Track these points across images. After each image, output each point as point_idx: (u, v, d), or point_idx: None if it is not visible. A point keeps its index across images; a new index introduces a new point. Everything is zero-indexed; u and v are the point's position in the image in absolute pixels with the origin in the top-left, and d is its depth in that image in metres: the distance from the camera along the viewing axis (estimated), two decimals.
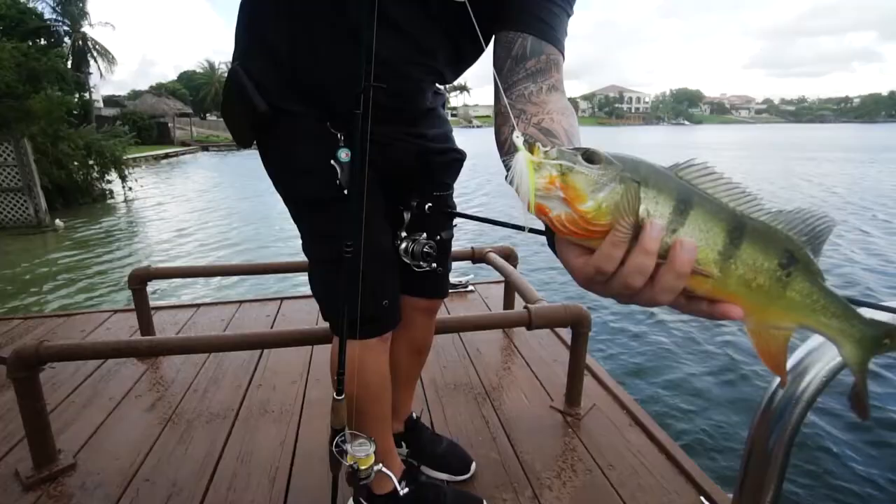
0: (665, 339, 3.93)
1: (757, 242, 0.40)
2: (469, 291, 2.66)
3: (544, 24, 0.76)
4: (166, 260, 7.06)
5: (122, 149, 12.77)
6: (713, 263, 0.40)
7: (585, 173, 0.39)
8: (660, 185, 0.40)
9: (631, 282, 0.40)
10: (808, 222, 0.41)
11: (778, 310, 0.42)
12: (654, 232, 0.38)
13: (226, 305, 2.62)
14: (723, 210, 0.40)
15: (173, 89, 45.71)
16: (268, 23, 0.89)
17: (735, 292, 0.41)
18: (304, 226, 1.00)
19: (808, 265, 0.42)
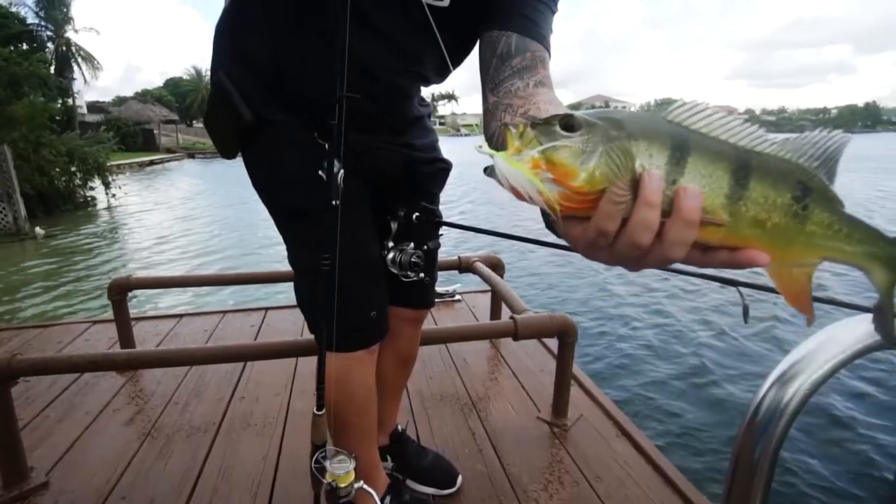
0: (651, 347, 3.95)
1: (765, 178, 0.37)
2: (456, 301, 2.65)
3: (528, 21, 0.76)
4: (148, 266, 6.95)
5: (105, 155, 12.61)
6: (721, 209, 0.37)
7: (569, 146, 0.36)
8: (650, 135, 0.37)
9: (638, 239, 0.37)
10: (818, 145, 0.38)
11: (799, 246, 0.39)
12: (653, 183, 0.35)
13: (209, 316, 2.57)
14: (723, 149, 0.37)
15: (159, 96, 45.32)
16: (251, 33, 0.88)
17: (750, 236, 0.38)
18: (289, 236, 0.99)
19: (825, 193, 0.38)
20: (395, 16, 0.84)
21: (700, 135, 0.38)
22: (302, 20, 0.85)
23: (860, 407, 2.98)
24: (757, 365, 3.57)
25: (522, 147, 0.37)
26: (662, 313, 4.59)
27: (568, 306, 5.02)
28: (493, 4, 0.79)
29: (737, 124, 0.38)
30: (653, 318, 4.38)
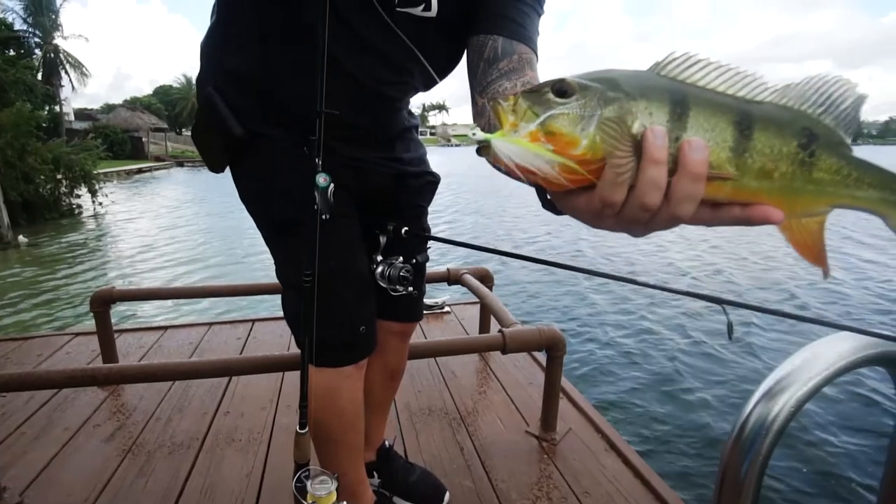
0: (641, 359, 3.96)
1: (769, 127, 0.36)
2: (445, 312, 2.64)
3: (514, 23, 0.76)
4: (133, 274, 6.86)
5: (92, 163, 12.46)
6: (727, 162, 0.36)
7: (567, 112, 0.35)
8: (647, 92, 0.36)
9: (647, 201, 0.35)
10: (821, 90, 0.37)
11: (808, 196, 0.37)
12: (658, 140, 0.34)
13: (194, 328, 2.53)
14: (723, 101, 0.36)
15: (148, 104, 45.06)
16: (237, 49, 0.88)
17: (759, 188, 0.37)
18: (277, 250, 0.98)
19: (831, 137, 0.37)
20: (383, 29, 0.84)
21: (698, 88, 0.36)
22: (287, 36, 0.84)
23: (843, 423, 3.00)
24: (742, 380, 3.60)
25: (518, 121, 0.36)
26: (649, 330, 4.62)
27: (556, 314, 5.02)
28: (478, 9, 0.80)
29: (733, 74, 0.36)
30: (645, 334, 4.39)
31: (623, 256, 7.52)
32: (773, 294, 5.59)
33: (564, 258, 7.56)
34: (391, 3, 0.81)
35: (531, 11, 0.79)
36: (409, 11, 0.82)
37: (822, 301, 5.29)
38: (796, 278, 6.12)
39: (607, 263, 7.12)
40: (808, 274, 6.36)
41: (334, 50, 0.82)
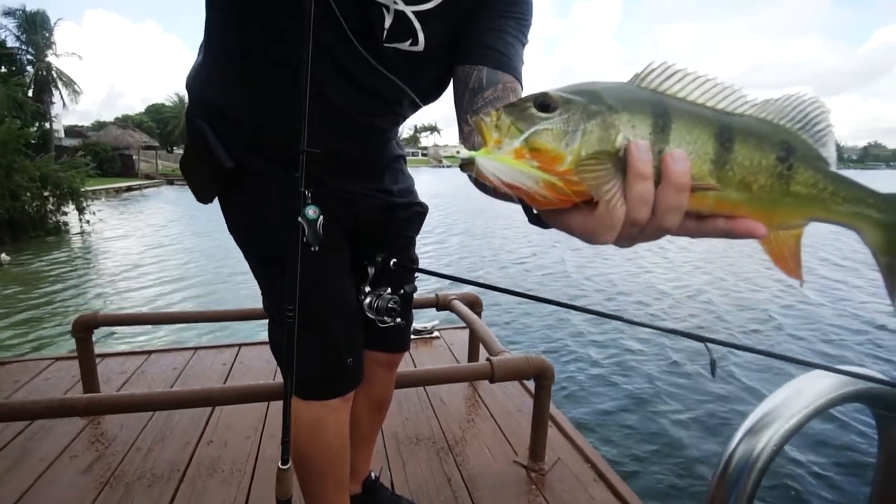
0: (630, 387, 3.94)
1: (748, 140, 0.36)
2: (434, 337, 2.63)
3: (498, 53, 0.78)
4: (119, 294, 6.75)
5: (80, 181, 12.37)
6: (709, 174, 0.36)
7: (551, 128, 0.34)
8: (629, 105, 0.35)
9: (636, 216, 0.35)
10: (799, 108, 0.37)
11: (786, 208, 0.38)
12: (642, 154, 0.34)
13: (179, 352, 2.49)
14: (704, 113, 0.36)
15: (140, 122, 45.06)
16: (226, 84, 0.89)
17: (739, 200, 0.37)
18: (264, 282, 0.97)
19: (808, 151, 0.38)
20: (372, 64, 0.85)
21: (679, 100, 0.37)
22: (273, 74, 0.85)
23: (826, 457, 3.01)
24: (727, 401, 3.60)
25: (502, 137, 0.35)
26: (635, 351, 4.63)
27: (542, 334, 5.02)
28: (463, 40, 0.82)
29: (713, 85, 0.37)
30: (633, 363, 4.39)
31: (607, 277, 7.58)
32: (756, 316, 5.62)
33: (550, 279, 7.56)
34: (378, 40, 0.82)
35: (515, 42, 0.82)
36: (397, 47, 0.84)
37: (805, 331, 5.28)
38: (779, 302, 6.18)
39: (591, 285, 7.16)
40: (791, 298, 6.45)
41: (322, 84, 0.84)
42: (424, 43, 0.84)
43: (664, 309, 5.97)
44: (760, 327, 5.31)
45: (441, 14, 0.82)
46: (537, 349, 4.90)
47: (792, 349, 4.64)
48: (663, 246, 9.15)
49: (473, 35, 0.81)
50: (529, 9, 0.87)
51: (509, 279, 7.50)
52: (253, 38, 0.84)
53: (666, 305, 6.14)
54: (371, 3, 0.79)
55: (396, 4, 0.80)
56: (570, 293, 6.80)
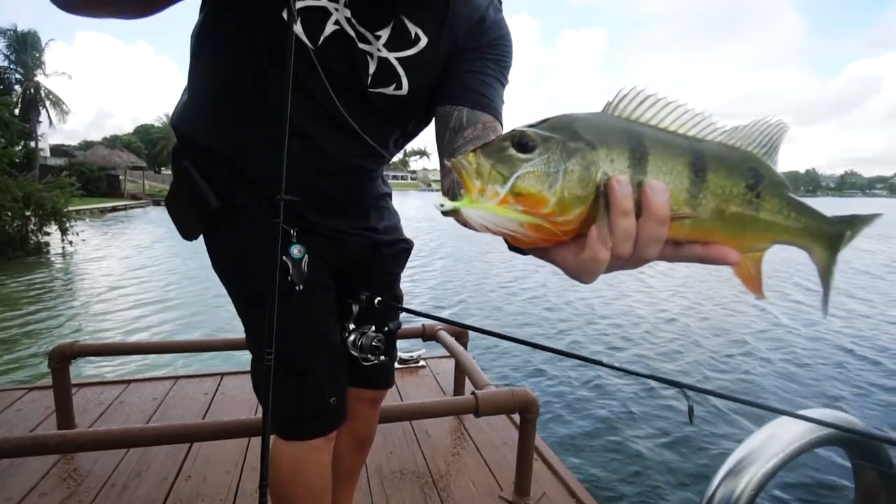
0: (615, 419, 3.91)
1: (720, 168, 0.37)
2: (420, 367, 2.61)
3: (478, 94, 0.81)
4: (98, 316, 6.60)
5: (64, 201, 12.21)
6: (685, 203, 0.37)
7: (533, 171, 0.34)
8: (607, 139, 0.36)
9: (621, 251, 0.36)
10: (764, 133, 0.39)
11: (754, 233, 0.39)
12: (624, 190, 0.34)
13: (159, 382, 2.44)
14: (677, 142, 0.37)
15: (128, 142, 44.87)
16: (211, 126, 0.90)
17: (712, 227, 0.38)
18: (248, 321, 0.97)
19: (773, 178, 0.39)
20: (358, 108, 0.87)
21: (653, 129, 0.37)
22: (257, 116, 0.86)
23: (803, 499, 3.01)
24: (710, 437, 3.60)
25: (485, 185, 0.35)
26: (617, 380, 4.63)
27: (526, 363, 5.00)
28: (444, 80, 0.84)
29: (683, 112, 0.38)
30: (618, 393, 4.38)
31: (587, 302, 7.65)
32: (734, 350, 5.58)
33: (532, 304, 7.58)
34: (363, 85, 0.85)
35: (495, 83, 0.85)
36: (382, 91, 0.87)
37: (785, 363, 5.24)
38: (759, 335, 6.14)
39: (571, 311, 7.21)
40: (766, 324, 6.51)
41: (307, 127, 0.85)
42: (408, 87, 0.87)
43: (645, 335, 5.98)
44: (739, 359, 5.28)
45: (423, 59, 0.85)
46: (524, 370, 4.90)
47: (770, 385, 4.62)
48: (643, 271, 9.23)
49: (454, 76, 0.84)
50: (509, 50, 0.91)
51: (492, 305, 7.50)
52: (237, 81, 0.85)
53: (644, 331, 6.16)
54: (355, 50, 0.81)
55: (380, 52, 0.83)
56: (552, 318, 6.85)
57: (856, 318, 7.23)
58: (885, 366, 5.27)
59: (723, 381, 4.56)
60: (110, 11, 0.67)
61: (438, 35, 0.85)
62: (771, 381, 4.73)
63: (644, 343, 5.72)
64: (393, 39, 0.83)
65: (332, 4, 0.79)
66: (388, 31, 0.83)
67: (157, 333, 6.00)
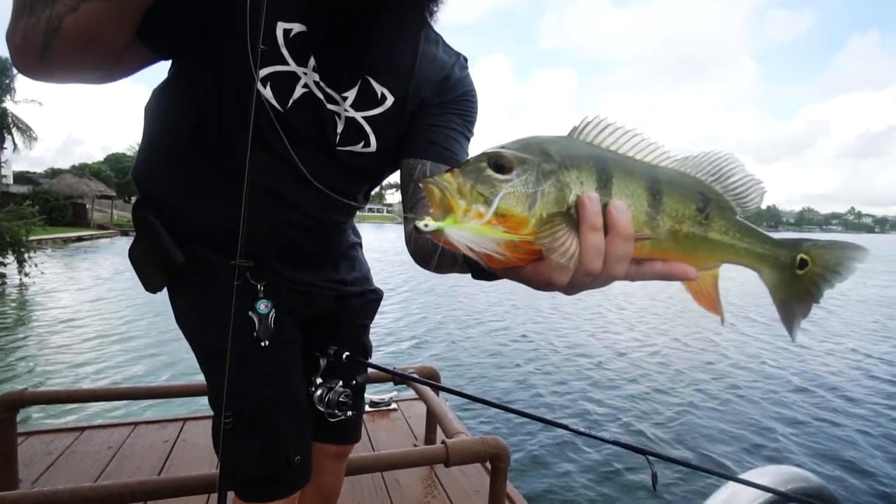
0: (584, 471, 3.85)
1: (674, 193, 0.40)
2: (392, 410, 2.56)
3: (442, 148, 0.84)
4: (52, 352, 6.26)
5: (25, 231, 11.75)
6: (645, 224, 0.39)
7: (514, 192, 0.36)
8: (577, 161, 0.38)
9: (591, 266, 0.37)
10: (714, 163, 0.42)
11: (704, 252, 0.42)
12: (595, 206, 0.36)
13: (115, 429, 2.31)
14: (637, 168, 0.40)
15: (98, 170, 43.89)
16: (171, 181, 0.89)
17: (668, 247, 0.41)
18: (211, 377, 0.94)
19: (720, 202, 0.42)
20: (327, 166, 0.89)
21: (615, 155, 0.40)
22: (218, 174, 0.86)
23: None
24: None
25: (470, 204, 0.36)
26: (593, 418, 4.62)
27: (505, 429, 4.87)
28: (409, 134, 0.87)
29: (640, 140, 0.41)
30: (590, 441, 4.35)
31: (558, 330, 7.72)
32: (702, 402, 5.36)
33: (504, 341, 7.54)
34: (331, 144, 0.87)
35: (460, 137, 0.88)
36: (351, 149, 0.89)
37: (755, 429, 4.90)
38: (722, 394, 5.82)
39: (545, 344, 7.25)
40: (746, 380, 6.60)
41: (276, 185, 0.86)
42: (376, 145, 0.89)
43: (615, 391, 5.77)
44: (707, 412, 5.07)
45: (390, 117, 0.88)
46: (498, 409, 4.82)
47: (738, 442, 4.48)
48: (613, 320, 9.24)
49: (419, 130, 0.87)
50: (474, 106, 0.94)
51: (465, 342, 7.45)
52: (203, 141, 0.86)
53: (615, 386, 5.95)
54: (324, 111, 0.84)
55: (347, 112, 0.86)
56: (525, 349, 6.94)
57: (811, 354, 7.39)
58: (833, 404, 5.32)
59: (692, 438, 4.39)
60: (74, 80, 0.68)
61: (405, 94, 0.88)
62: (738, 431, 4.65)
63: (615, 398, 5.41)
64: (360, 100, 0.86)
65: (301, 69, 0.81)
66: (354, 91, 0.85)
67: (118, 372, 5.72)
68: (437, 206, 0.38)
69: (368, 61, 0.83)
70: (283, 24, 0.79)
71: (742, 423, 4.80)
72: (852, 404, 5.36)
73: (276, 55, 0.78)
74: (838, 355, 7.35)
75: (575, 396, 5.12)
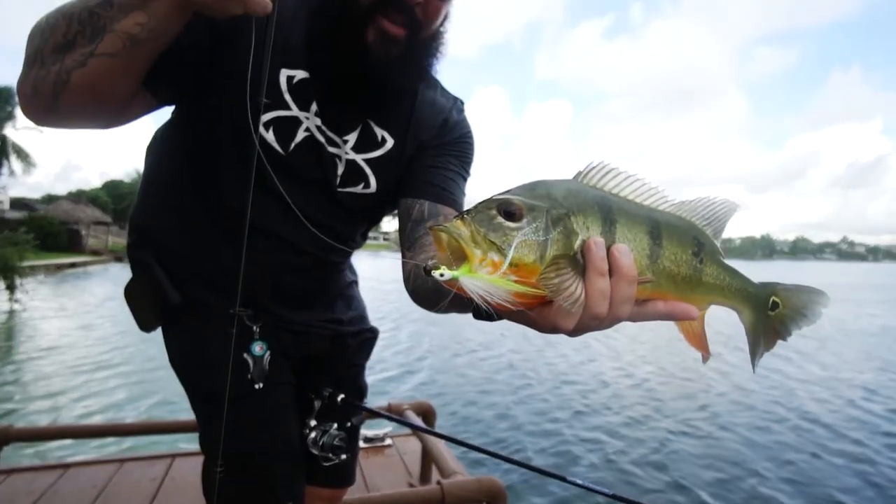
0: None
1: (673, 237, 0.42)
2: (386, 446, 2.50)
3: (440, 189, 0.85)
4: (40, 384, 6.11)
5: (18, 257, 11.68)
6: (647, 268, 0.41)
7: (526, 241, 0.37)
8: (583, 207, 0.39)
9: (598, 310, 0.38)
10: (709, 208, 0.44)
11: (698, 294, 0.44)
12: (601, 251, 0.38)
13: (101, 466, 2.24)
14: (639, 213, 0.41)
15: (95, 196, 43.95)
16: (170, 226, 0.90)
17: (667, 289, 0.42)
18: (203, 420, 0.93)
19: (712, 247, 0.44)
20: (328, 207, 0.90)
21: (618, 198, 0.42)
22: (215, 220, 0.87)
23: None
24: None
25: (485, 253, 0.37)
26: (591, 463, 4.52)
27: (500, 472, 4.74)
28: (408, 175, 0.89)
29: (641, 184, 0.42)
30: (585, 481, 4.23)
31: (552, 366, 7.59)
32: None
33: (501, 372, 7.46)
34: (332, 185, 0.88)
35: (457, 177, 0.89)
36: (351, 190, 0.90)
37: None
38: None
39: (533, 375, 7.15)
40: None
41: (275, 226, 0.87)
42: (376, 186, 0.91)
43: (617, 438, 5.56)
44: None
45: (390, 159, 0.90)
46: (494, 438, 4.72)
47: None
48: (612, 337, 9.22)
49: (417, 171, 0.89)
50: (471, 147, 0.97)
51: (460, 373, 7.36)
52: (200, 182, 0.87)
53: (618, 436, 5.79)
54: (325, 154, 0.85)
55: (348, 154, 0.87)
56: (515, 379, 6.90)
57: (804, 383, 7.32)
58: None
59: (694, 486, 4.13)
60: (80, 127, 0.70)
61: (404, 137, 0.90)
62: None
63: (615, 440, 5.09)
64: (360, 142, 0.88)
65: (303, 113, 0.83)
66: (355, 134, 0.87)
67: (105, 401, 5.60)
68: (445, 251, 0.39)
69: (369, 106, 0.86)
70: (286, 70, 0.81)
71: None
72: (836, 437, 5.27)
73: (278, 101, 0.81)
74: (830, 385, 7.29)
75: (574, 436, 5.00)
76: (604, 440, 4.88)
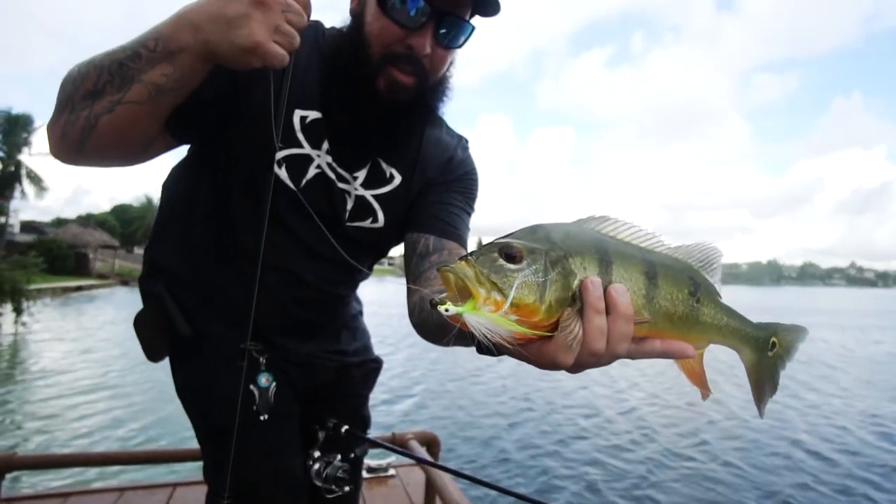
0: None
1: (668, 277, 0.43)
2: (390, 476, 2.46)
3: (444, 223, 0.87)
4: (43, 409, 6.06)
5: (25, 280, 11.77)
6: (643, 308, 0.42)
7: (527, 282, 0.38)
8: (581, 248, 0.40)
9: (596, 347, 0.39)
10: (703, 252, 0.46)
11: (695, 334, 0.45)
12: (598, 290, 0.39)
13: (103, 494, 2.21)
14: (635, 254, 0.42)
15: (103, 220, 44.51)
16: (184, 259, 0.92)
17: (664, 328, 0.43)
18: (207, 452, 0.94)
19: (708, 287, 0.45)
20: (337, 241, 0.92)
21: (615, 241, 0.43)
22: (225, 256, 0.90)
23: None
24: None
25: (488, 293, 0.38)
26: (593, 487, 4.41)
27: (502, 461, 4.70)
28: (414, 209, 0.91)
29: (636, 230, 0.44)
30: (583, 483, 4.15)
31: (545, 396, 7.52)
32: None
33: (503, 397, 7.41)
34: (342, 220, 0.90)
35: (461, 213, 0.92)
36: (360, 225, 0.92)
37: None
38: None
39: (526, 404, 7.06)
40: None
41: (286, 261, 0.89)
42: (384, 220, 0.93)
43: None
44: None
45: (397, 195, 0.93)
46: (497, 460, 4.62)
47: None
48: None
49: (422, 206, 0.91)
50: (475, 184, 0.99)
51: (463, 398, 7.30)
52: (214, 218, 0.90)
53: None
54: (335, 190, 0.88)
55: (357, 190, 0.90)
56: (509, 403, 6.74)
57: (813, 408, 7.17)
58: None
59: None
60: (104, 166, 0.74)
61: (411, 174, 0.93)
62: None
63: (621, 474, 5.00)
64: (369, 179, 0.91)
65: (315, 151, 0.86)
66: (364, 171, 0.90)
67: (109, 426, 5.56)
68: (452, 290, 0.41)
69: (379, 145, 0.89)
70: (300, 111, 0.85)
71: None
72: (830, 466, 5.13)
73: (292, 139, 0.84)
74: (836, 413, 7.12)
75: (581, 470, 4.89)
76: (629, 482, 4.71)
